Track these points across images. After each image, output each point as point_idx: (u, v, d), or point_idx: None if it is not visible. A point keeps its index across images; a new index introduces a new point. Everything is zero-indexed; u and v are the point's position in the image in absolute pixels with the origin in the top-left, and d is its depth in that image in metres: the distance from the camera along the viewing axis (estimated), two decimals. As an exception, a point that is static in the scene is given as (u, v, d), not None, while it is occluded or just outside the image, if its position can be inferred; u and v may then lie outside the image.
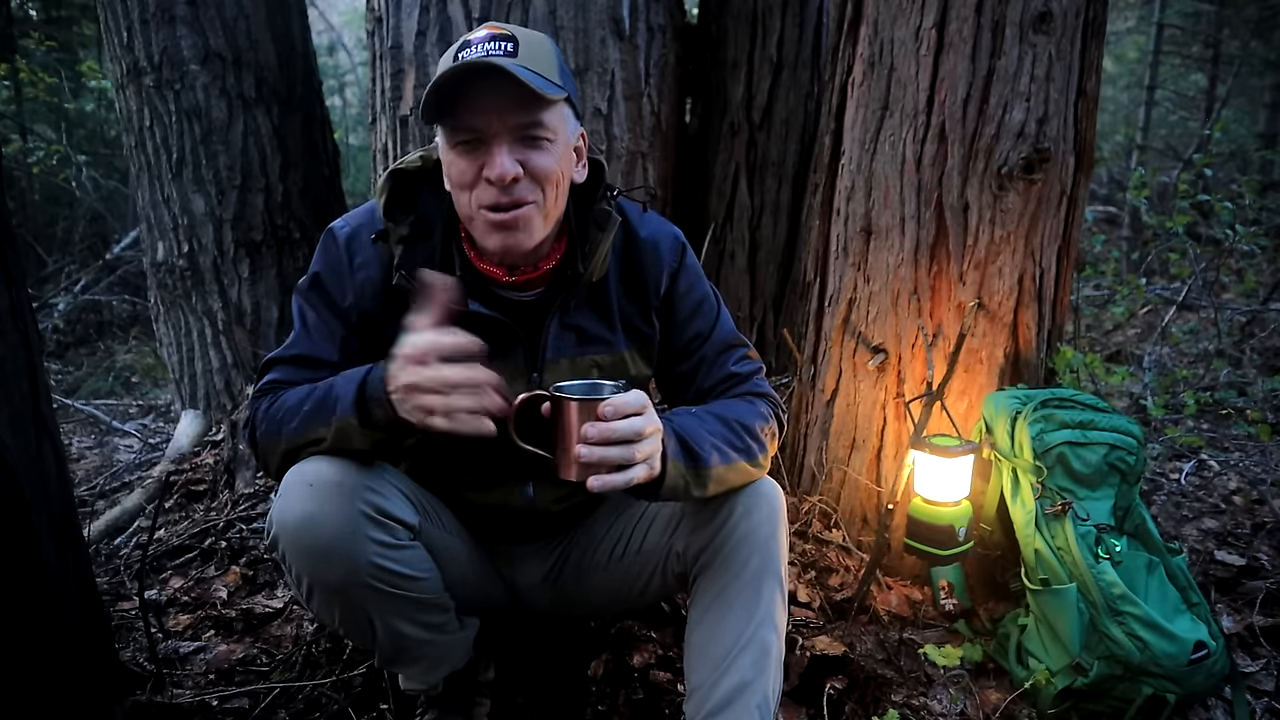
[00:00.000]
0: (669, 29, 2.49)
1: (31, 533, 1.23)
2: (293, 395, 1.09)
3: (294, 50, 3.02)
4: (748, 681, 1.08)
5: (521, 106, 1.04)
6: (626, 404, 0.95)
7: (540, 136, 1.06)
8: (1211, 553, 2.05)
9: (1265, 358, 3.80)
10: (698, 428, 1.09)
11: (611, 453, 0.94)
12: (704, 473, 1.07)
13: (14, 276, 1.25)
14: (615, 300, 1.23)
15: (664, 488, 1.03)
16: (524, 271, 1.16)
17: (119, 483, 2.80)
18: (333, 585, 1.05)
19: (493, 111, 1.03)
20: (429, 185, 1.18)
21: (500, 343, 1.15)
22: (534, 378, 1.19)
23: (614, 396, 0.95)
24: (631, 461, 0.95)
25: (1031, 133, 1.64)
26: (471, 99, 1.03)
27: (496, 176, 1.03)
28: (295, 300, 1.20)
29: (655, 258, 1.23)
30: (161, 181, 2.85)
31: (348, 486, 1.02)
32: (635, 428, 0.95)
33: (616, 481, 0.95)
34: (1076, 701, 1.46)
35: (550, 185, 1.08)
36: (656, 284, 1.24)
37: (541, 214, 1.09)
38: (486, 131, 1.04)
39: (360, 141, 7.94)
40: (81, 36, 6.42)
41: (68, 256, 5.82)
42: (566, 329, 1.20)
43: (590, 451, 0.93)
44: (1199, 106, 8.38)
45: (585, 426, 0.93)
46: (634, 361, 1.25)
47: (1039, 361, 1.81)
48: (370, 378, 1.01)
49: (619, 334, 1.23)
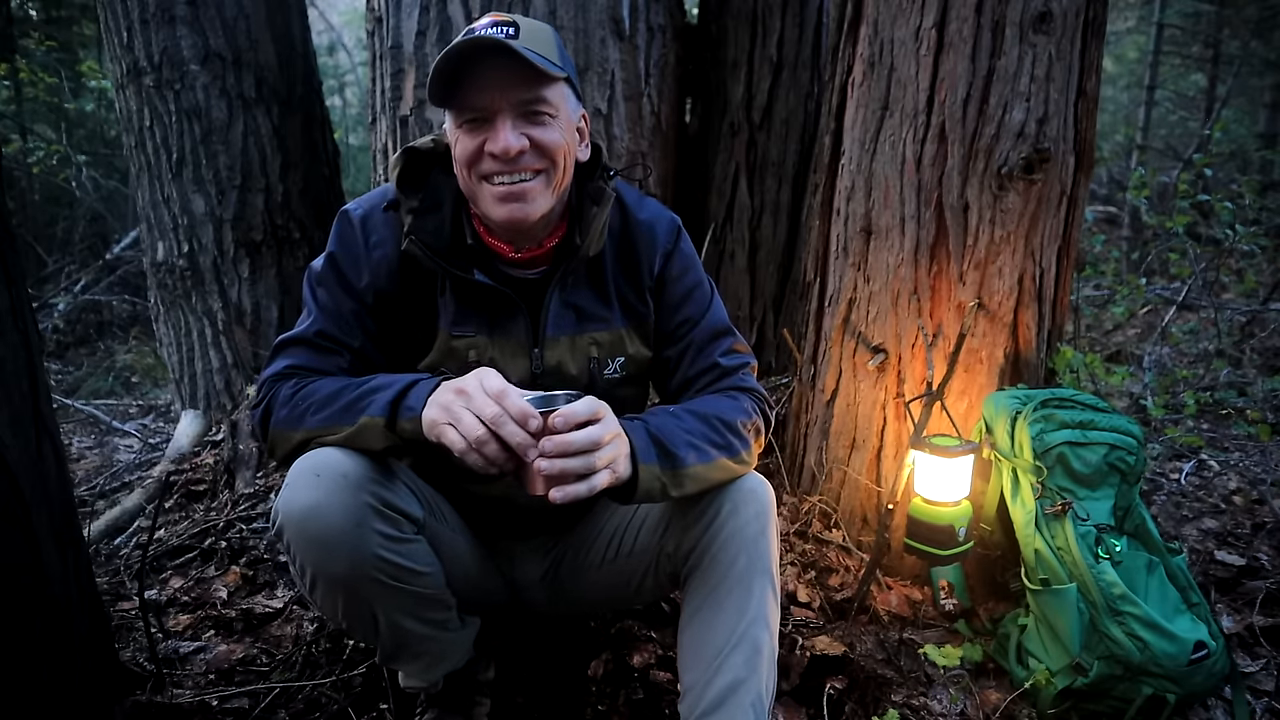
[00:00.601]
0: (669, 29, 2.49)
1: (31, 533, 1.23)
2: (324, 386, 1.10)
3: (294, 50, 3.02)
4: (741, 680, 1.08)
5: (524, 82, 1.07)
6: (576, 413, 0.96)
7: (543, 112, 1.09)
8: (1211, 553, 2.04)
9: (1265, 358, 3.80)
10: (674, 427, 1.10)
11: (572, 464, 0.95)
12: (681, 473, 1.07)
13: (14, 276, 1.25)
14: (611, 279, 1.25)
15: (638, 490, 1.04)
16: (529, 249, 1.19)
17: (119, 483, 2.80)
18: (337, 576, 1.05)
19: (495, 88, 1.07)
20: (439, 166, 1.21)
21: (503, 316, 1.18)
22: (535, 353, 1.21)
23: (564, 406, 0.96)
24: (593, 470, 0.96)
25: (1031, 133, 1.64)
26: (475, 77, 1.07)
27: (500, 150, 1.07)
28: (307, 283, 1.21)
29: (650, 239, 1.26)
30: (161, 181, 2.85)
31: (354, 478, 1.03)
32: (592, 436, 0.96)
33: (579, 490, 0.95)
34: (1076, 701, 1.46)
35: (558, 157, 1.11)
36: (651, 264, 1.26)
37: (548, 187, 1.12)
38: (490, 108, 1.08)
39: (360, 141, 7.94)
40: (81, 36, 6.41)
41: (68, 256, 5.82)
42: (566, 307, 1.22)
43: (550, 465, 0.94)
44: (1199, 106, 8.38)
45: (543, 440, 0.94)
46: (631, 339, 1.27)
47: (1039, 361, 1.81)
48: (417, 386, 1.03)
49: (615, 311, 1.25)
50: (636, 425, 1.07)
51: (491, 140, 1.07)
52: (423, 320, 1.21)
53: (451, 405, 0.97)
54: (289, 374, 1.15)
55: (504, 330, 1.20)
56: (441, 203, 1.18)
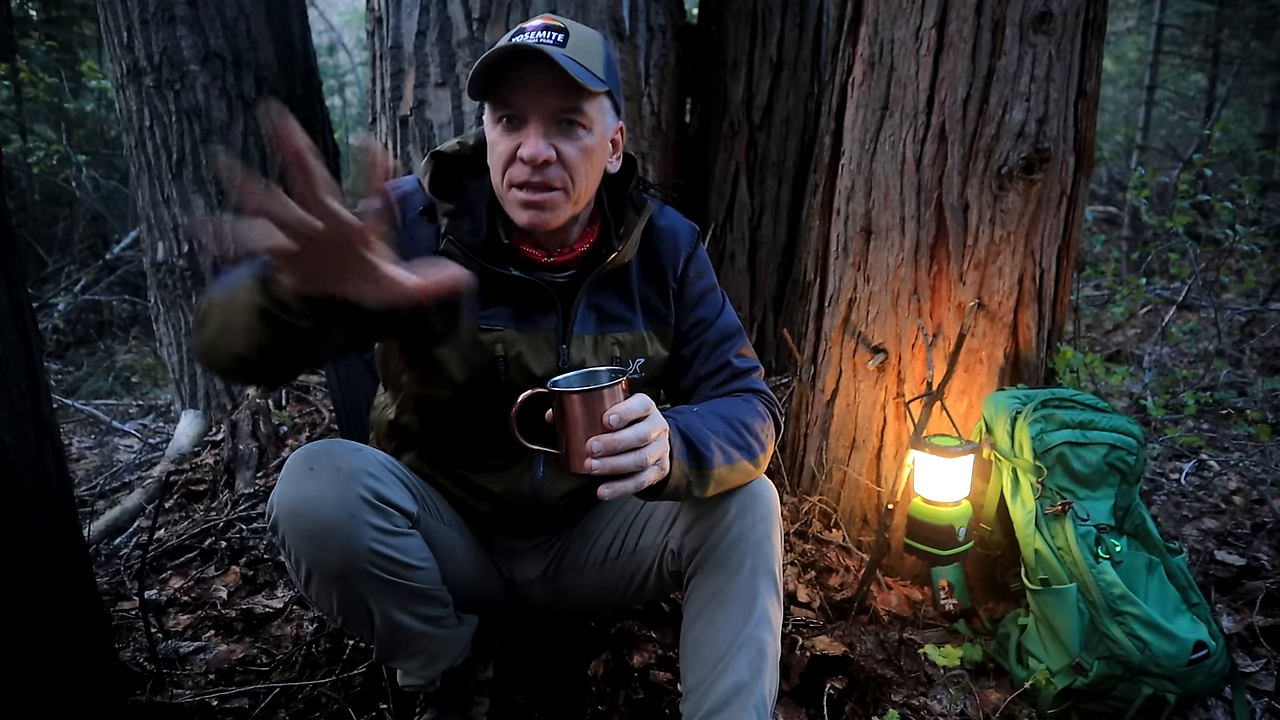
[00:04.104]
0: (669, 29, 2.49)
1: (31, 533, 1.23)
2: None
3: (294, 50, 3.02)
4: (744, 682, 1.08)
5: (562, 93, 1.07)
6: (630, 410, 0.96)
7: (577, 123, 1.10)
8: (1211, 553, 2.04)
9: (1265, 358, 3.80)
10: (701, 426, 1.10)
11: (624, 461, 0.95)
12: (707, 473, 1.08)
13: (14, 276, 1.25)
14: (635, 283, 1.27)
15: (668, 488, 1.04)
16: (560, 254, 1.21)
17: (119, 483, 2.80)
18: (331, 570, 1.05)
19: (534, 93, 1.07)
20: (468, 171, 1.22)
21: (534, 311, 1.20)
22: (562, 349, 1.22)
23: (617, 405, 0.96)
24: (644, 466, 0.96)
25: (1031, 133, 1.64)
26: (515, 80, 1.07)
27: (529, 156, 1.07)
28: None
29: (673, 243, 1.29)
30: (161, 181, 2.85)
31: (346, 471, 1.03)
32: (641, 433, 0.96)
33: (628, 487, 0.95)
34: (1076, 701, 1.46)
35: (579, 174, 1.12)
36: (674, 267, 1.29)
37: (569, 200, 1.13)
38: (526, 111, 1.08)
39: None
40: (81, 36, 6.41)
41: (68, 256, 5.82)
42: (590, 308, 1.24)
43: (603, 464, 0.94)
44: (1199, 106, 8.38)
45: (591, 441, 0.94)
46: (652, 342, 1.28)
47: (1039, 361, 1.81)
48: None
49: (638, 314, 1.27)
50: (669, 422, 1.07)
51: (524, 145, 1.08)
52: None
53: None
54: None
55: (532, 324, 1.21)
56: (475, 205, 1.20)
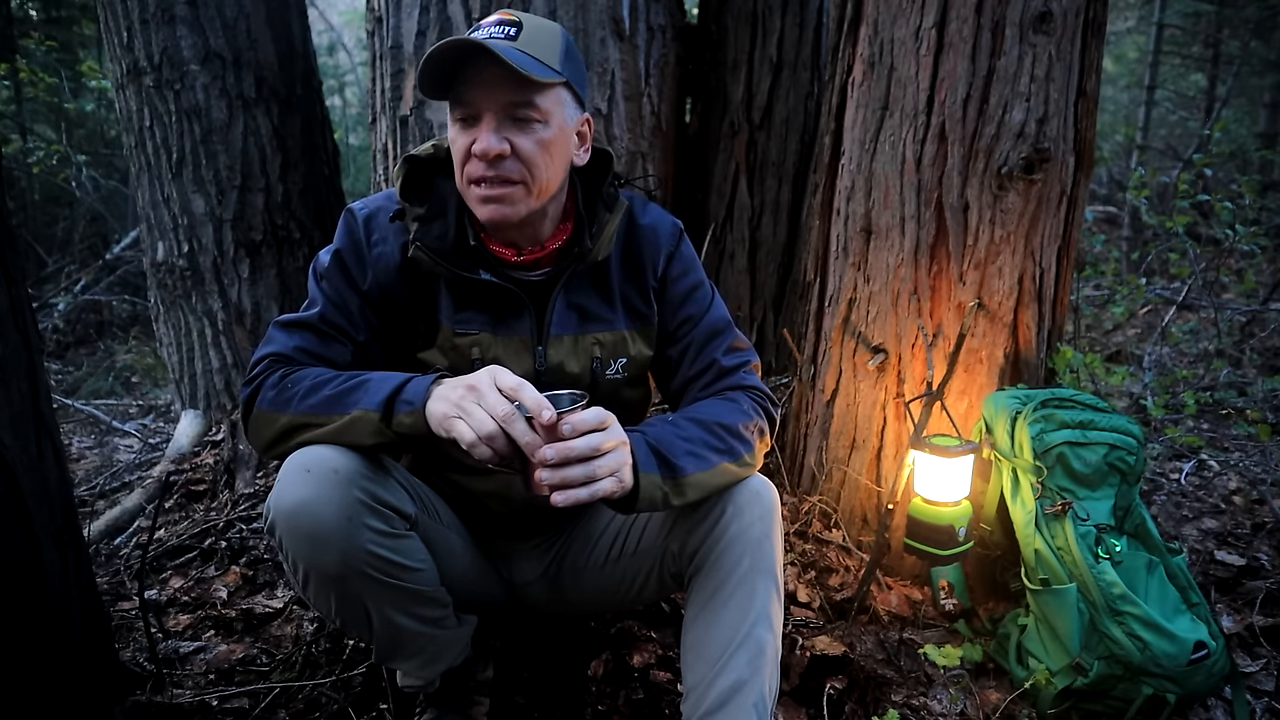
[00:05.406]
0: (669, 29, 2.49)
1: (31, 533, 1.23)
2: (313, 373, 1.10)
3: (294, 50, 3.02)
4: (744, 680, 1.08)
5: (512, 87, 1.08)
6: (584, 421, 0.97)
7: (530, 118, 1.10)
8: (1211, 553, 2.04)
9: (1265, 358, 3.80)
10: (673, 436, 1.10)
11: (572, 472, 0.95)
12: (682, 481, 1.07)
13: (14, 276, 1.25)
14: (616, 282, 1.27)
15: (639, 500, 1.04)
16: (531, 251, 1.20)
17: (119, 483, 2.80)
18: (329, 572, 1.05)
19: (485, 88, 1.08)
20: (441, 173, 1.22)
21: (508, 314, 1.20)
22: (538, 351, 1.22)
23: (572, 415, 0.97)
24: (594, 478, 0.96)
25: (1031, 133, 1.64)
26: (466, 77, 1.08)
27: (480, 151, 1.09)
28: (312, 275, 1.21)
29: (654, 241, 1.28)
30: (161, 181, 2.85)
31: (344, 473, 1.03)
32: (592, 444, 0.96)
33: (581, 495, 0.96)
34: (1076, 701, 1.46)
35: (537, 167, 1.12)
36: (654, 265, 1.28)
37: (530, 194, 1.13)
38: (479, 108, 1.10)
39: (360, 141, 7.94)
40: (81, 36, 6.41)
41: (68, 256, 5.82)
42: (570, 307, 1.24)
43: (551, 474, 0.95)
44: (1199, 106, 8.38)
45: (544, 448, 0.95)
46: (634, 341, 1.28)
47: (1039, 361, 1.81)
48: (413, 382, 1.04)
49: (619, 313, 1.27)
50: (635, 436, 1.07)
51: (477, 141, 1.09)
52: (426, 318, 1.22)
53: (463, 401, 0.98)
54: (289, 357, 1.14)
55: (508, 328, 1.21)
56: (446, 209, 1.20)
